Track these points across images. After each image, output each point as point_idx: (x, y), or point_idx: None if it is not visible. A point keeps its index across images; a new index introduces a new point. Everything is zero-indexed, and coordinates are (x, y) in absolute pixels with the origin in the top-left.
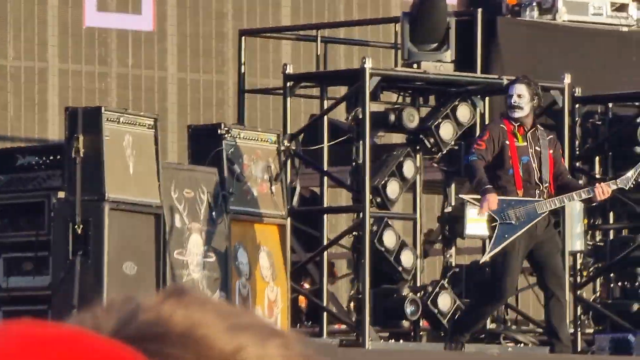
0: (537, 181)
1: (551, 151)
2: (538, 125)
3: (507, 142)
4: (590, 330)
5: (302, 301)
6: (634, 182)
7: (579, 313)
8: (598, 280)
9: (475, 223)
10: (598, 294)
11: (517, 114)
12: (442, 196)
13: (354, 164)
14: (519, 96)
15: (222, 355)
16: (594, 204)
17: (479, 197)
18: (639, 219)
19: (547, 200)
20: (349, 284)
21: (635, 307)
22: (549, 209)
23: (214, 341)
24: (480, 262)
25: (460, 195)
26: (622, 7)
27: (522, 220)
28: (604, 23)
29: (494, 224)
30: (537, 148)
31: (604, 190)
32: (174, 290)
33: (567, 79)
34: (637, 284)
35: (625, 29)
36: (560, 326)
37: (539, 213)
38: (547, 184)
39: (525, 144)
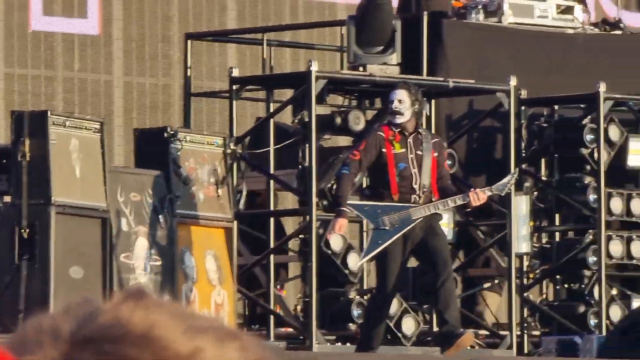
0: (415, 187)
1: (435, 154)
2: (420, 130)
3: (384, 150)
4: (537, 333)
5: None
6: (509, 189)
7: (525, 315)
8: (544, 282)
9: None
10: (544, 296)
11: (398, 119)
12: None
13: (300, 167)
14: (400, 102)
15: (179, 356)
16: (469, 209)
17: (355, 203)
18: (585, 220)
19: (422, 206)
20: (296, 287)
21: (581, 309)
22: (423, 215)
23: (172, 342)
24: (355, 266)
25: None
26: (568, 10)
27: (396, 226)
28: (550, 25)
29: (369, 229)
30: (418, 152)
31: (479, 197)
32: (132, 293)
33: (513, 81)
34: (583, 286)
35: (570, 31)
36: (447, 310)
37: (413, 219)
38: (425, 189)
39: (403, 150)
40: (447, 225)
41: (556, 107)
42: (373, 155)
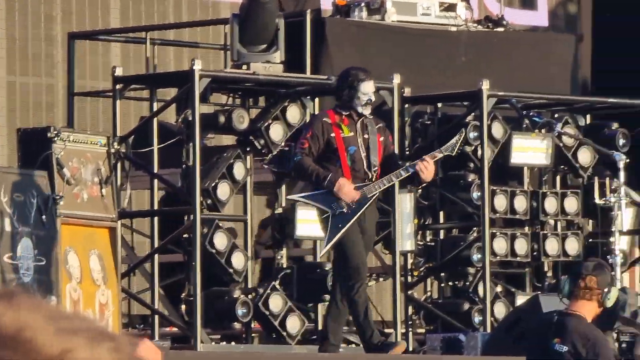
0: (366, 169)
1: (381, 138)
2: (366, 115)
3: (333, 135)
4: (422, 330)
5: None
6: (460, 149)
7: (410, 313)
8: (429, 280)
9: (306, 224)
10: (429, 293)
11: (368, 110)
12: (272, 197)
13: (184, 166)
14: (373, 93)
15: (49, 357)
16: (422, 184)
17: (307, 193)
18: (469, 218)
19: (374, 183)
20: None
21: (466, 306)
22: (378, 191)
23: (42, 344)
24: (320, 255)
25: (289, 197)
26: (451, 7)
27: (353, 207)
28: (433, 23)
29: (325, 215)
30: (365, 136)
31: (427, 164)
32: (4, 294)
33: (397, 79)
34: (467, 283)
35: (453, 29)
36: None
37: (369, 197)
38: (375, 169)
39: (352, 133)
40: None
41: (439, 104)
42: (321, 142)
